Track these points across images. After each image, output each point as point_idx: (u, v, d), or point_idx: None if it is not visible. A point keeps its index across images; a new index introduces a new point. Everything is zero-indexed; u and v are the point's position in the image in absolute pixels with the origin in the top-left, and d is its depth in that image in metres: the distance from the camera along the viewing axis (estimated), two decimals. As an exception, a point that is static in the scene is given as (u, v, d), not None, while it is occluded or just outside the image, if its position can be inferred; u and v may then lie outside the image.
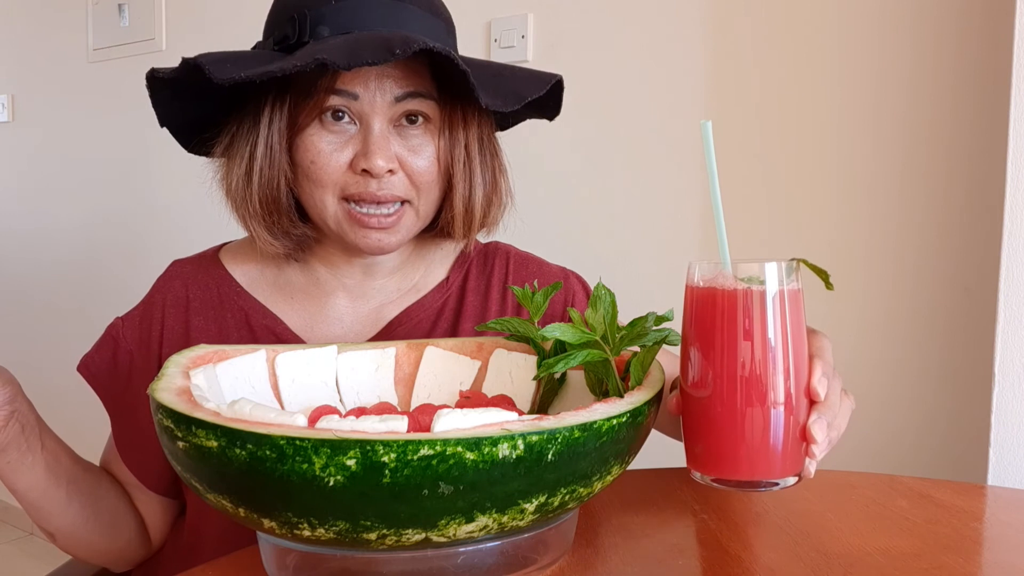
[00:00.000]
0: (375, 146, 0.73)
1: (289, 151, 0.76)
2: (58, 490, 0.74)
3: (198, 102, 0.76)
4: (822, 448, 0.56)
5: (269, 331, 0.83)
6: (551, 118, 0.85)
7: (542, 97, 0.76)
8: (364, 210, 0.75)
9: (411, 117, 0.76)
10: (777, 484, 0.55)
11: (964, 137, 1.13)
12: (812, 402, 0.55)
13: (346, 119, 0.74)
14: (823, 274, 0.54)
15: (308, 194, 0.76)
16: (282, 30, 0.75)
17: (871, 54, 1.20)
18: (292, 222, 0.79)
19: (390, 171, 0.74)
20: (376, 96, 0.74)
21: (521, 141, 0.93)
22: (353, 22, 0.73)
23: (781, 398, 0.53)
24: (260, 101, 0.75)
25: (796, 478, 0.57)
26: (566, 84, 0.80)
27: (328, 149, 0.74)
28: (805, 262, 0.54)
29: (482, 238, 0.90)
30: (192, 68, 0.68)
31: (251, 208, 0.76)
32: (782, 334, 0.53)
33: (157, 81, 0.72)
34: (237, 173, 0.76)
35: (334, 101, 0.73)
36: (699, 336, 0.55)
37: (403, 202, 0.77)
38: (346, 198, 0.75)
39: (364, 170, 0.73)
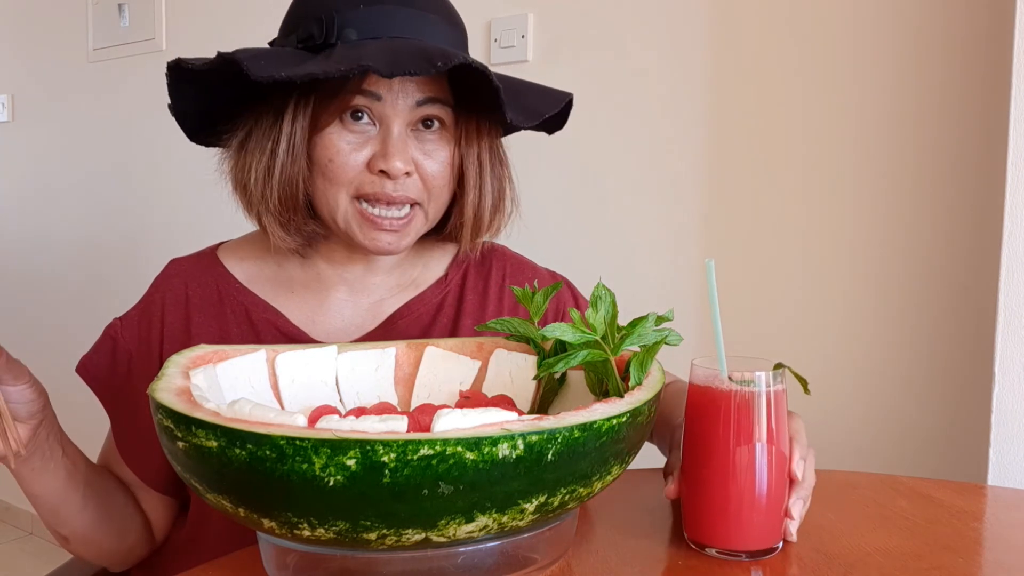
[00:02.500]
0: (394, 148, 0.75)
1: (307, 149, 0.77)
2: (75, 493, 0.75)
3: (215, 94, 0.77)
4: (798, 522, 0.64)
5: (270, 324, 0.83)
6: (551, 132, 0.87)
7: (555, 114, 0.79)
8: (376, 211, 0.76)
9: (427, 122, 0.78)
10: (766, 553, 0.64)
11: (964, 137, 1.13)
12: (791, 480, 0.64)
13: (366, 120, 0.76)
14: (802, 380, 0.63)
15: (322, 191, 0.77)
16: (307, 29, 0.76)
17: (872, 55, 1.20)
18: (305, 219, 0.80)
19: (406, 173, 0.76)
20: (399, 99, 0.75)
21: (521, 140, 0.93)
22: (379, 27, 0.75)
23: (766, 482, 0.62)
24: (283, 98, 0.76)
25: (780, 544, 0.65)
26: (566, 84, 0.81)
27: (347, 148, 0.75)
28: (789, 369, 0.63)
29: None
30: (228, 63, 0.69)
31: (270, 205, 0.77)
32: (768, 428, 0.61)
33: (183, 71, 0.72)
34: (257, 169, 0.77)
35: (358, 101, 0.75)
36: (701, 430, 0.63)
37: (413, 205, 0.78)
38: (360, 197, 0.77)
39: (382, 171, 0.75)
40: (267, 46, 0.79)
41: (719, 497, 0.62)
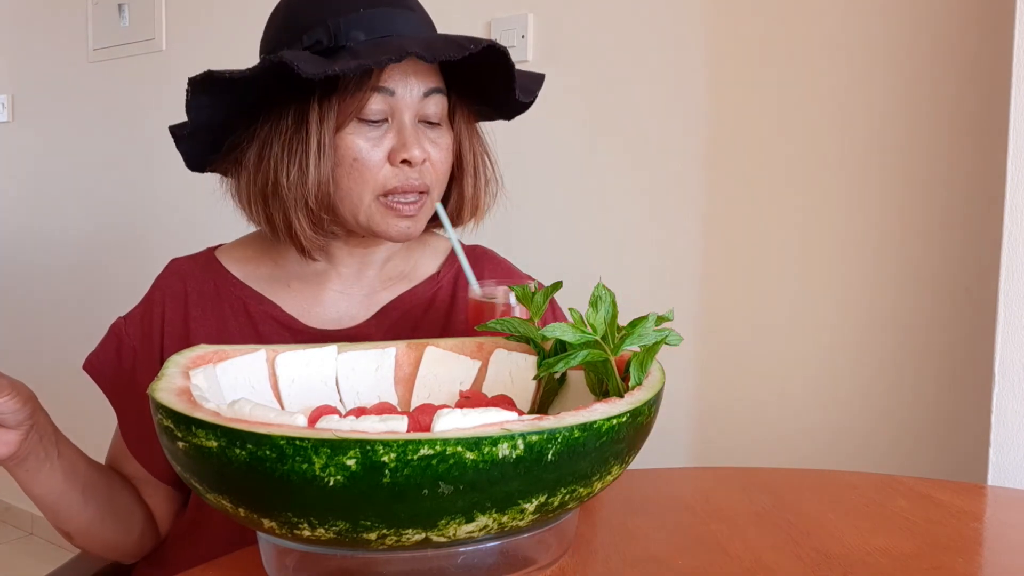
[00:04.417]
0: (411, 138, 0.78)
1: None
2: (75, 493, 0.77)
3: (229, 106, 0.77)
4: None
5: (267, 315, 0.85)
6: (509, 118, 0.90)
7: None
8: (399, 198, 0.80)
9: (431, 113, 0.81)
10: None
11: (964, 137, 1.13)
12: None
13: (380, 116, 0.78)
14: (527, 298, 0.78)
15: (346, 190, 0.79)
16: (313, 36, 0.77)
17: (871, 55, 1.20)
18: (332, 218, 0.81)
19: (423, 160, 0.79)
20: (407, 92, 0.79)
21: (520, 141, 0.94)
22: (383, 28, 0.78)
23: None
24: (299, 103, 0.77)
25: None
26: (567, 84, 0.83)
27: (367, 145, 0.78)
28: (512, 288, 0.77)
29: (469, 230, 0.94)
30: (279, 66, 0.70)
31: (308, 205, 0.78)
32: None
33: (224, 83, 0.72)
34: (290, 173, 0.77)
35: (376, 98, 0.77)
36: (476, 324, 0.78)
37: (423, 192, 0.82)
38: (386, 194, 0.79)
39: (403, 160, 0.78)
40: (261, 57, 0.79)
41: None
